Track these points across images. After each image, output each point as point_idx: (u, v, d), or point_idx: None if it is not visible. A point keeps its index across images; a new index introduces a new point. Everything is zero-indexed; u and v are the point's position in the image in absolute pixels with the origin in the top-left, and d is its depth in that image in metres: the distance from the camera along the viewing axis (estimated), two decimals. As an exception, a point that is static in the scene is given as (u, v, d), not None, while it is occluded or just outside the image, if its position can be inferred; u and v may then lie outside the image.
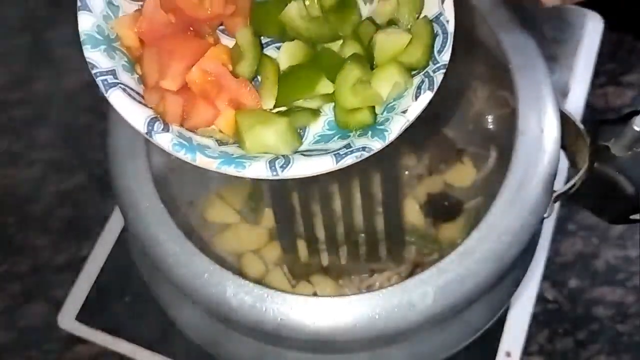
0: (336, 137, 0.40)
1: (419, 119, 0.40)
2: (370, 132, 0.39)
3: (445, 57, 0.40)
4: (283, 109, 0.41)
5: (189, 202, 0.57)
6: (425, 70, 0.40)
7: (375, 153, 0.37)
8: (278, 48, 0.42)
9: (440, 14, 0.41)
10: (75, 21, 0.42)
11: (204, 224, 0.57)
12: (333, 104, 0.41)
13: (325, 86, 0.40)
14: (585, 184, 0.46)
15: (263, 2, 0.42)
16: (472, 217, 0.58)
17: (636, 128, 0.43)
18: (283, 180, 0.53)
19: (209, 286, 0.42)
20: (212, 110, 0.39)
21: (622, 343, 0.63)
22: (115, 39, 0.42)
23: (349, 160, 0.37)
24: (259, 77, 0.41)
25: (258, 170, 0.37)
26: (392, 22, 0.42)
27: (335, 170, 0.54)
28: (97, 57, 0.40)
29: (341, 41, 0.42)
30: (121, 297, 0.65)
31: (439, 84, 0.39)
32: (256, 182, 0.61)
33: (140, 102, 0.38)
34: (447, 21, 0.40)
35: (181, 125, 0.39)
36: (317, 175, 0.53)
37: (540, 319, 0.64)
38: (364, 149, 0.38)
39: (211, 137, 0.40)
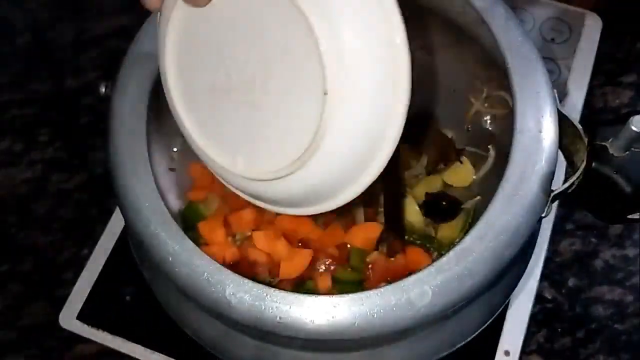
0: None
1: (418, 119, 0.40)
2: None
3: None
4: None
5: (188, 200, 0.58)
6: None
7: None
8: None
9: None
10: (77, 22, 0.42)
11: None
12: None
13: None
14: (583, 183, 0.47)
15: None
16: (470, 216, 0.59)
17: (634, 128, 0.43)
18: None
19: (208, 285, 0.42)
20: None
21: (621, 342, 0.63)
22: None
23: None
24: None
25: None
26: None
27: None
28: None
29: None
30: (122, 296, 0.65)
31: None
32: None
33: None
34: None
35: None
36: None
37: (538, 318, 0.64)
38: None
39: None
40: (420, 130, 0.63)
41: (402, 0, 0.56)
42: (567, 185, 0.46)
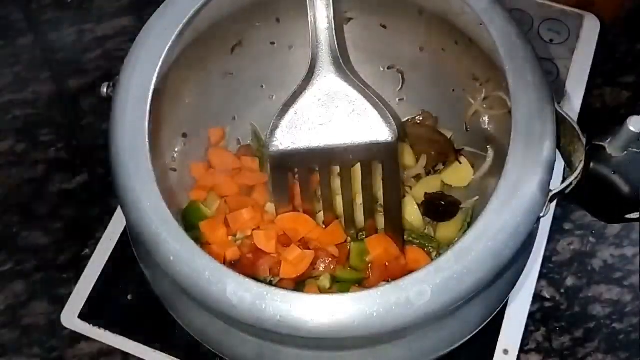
0: None
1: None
2: None
3: None
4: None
5: (190, 200, 0.58)
6: None
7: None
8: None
9: None
10: (79, 23, 0.43)
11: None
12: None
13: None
14: (581, 183, 0.47)
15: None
16: (469, 216, 0.59)
17: (632, 128, 0.43)
18: (283, 181, 0.54)
19: (209, 284, 0.42)
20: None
21: (619, 341, 0.63)
22: None
23: None
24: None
25: None
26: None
27: (337, 169, 0.56)
28: None
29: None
30: (124, 295, 0.65)
31: None
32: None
33: None
34: None
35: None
36: (318, 174, 0.54)
37: (537, 317, 0.64)
38: None
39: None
40: (420, 131, 0.63)
41: (402, 1, 0.56)
42: (565, 185, 0.47)
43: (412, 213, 0.60)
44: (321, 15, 0.50)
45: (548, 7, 0.77)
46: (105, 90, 0.51)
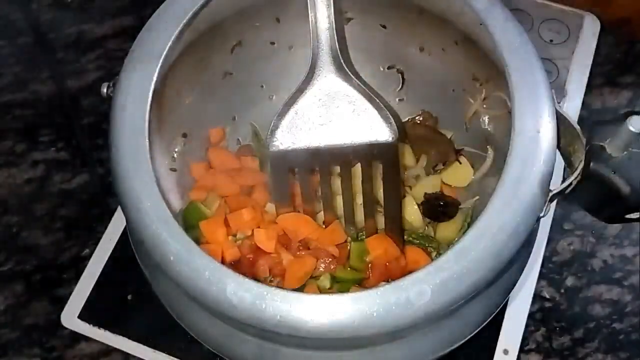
0: None
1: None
2: None
3: None
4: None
5: (189, 200, 0.58)
6: None
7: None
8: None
9: None
10: (79, 23, 0.43)
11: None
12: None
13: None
14: (581, 183, 0.47)
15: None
16: (469, 216, 0.59)
17: (631, 128, 0.43)
18: (283, 181, 0.54)
19: (209, 284, 0.42)
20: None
21: (619, 341, 0.63)
22: None
23: None
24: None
25: None
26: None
27: (337, 169, 0.56)
28: None
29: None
30: (123, 295, 0.65)
31: None
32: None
33: None
34: None
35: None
36: (318, 174, 0.54)
37: (537, 317, 0.64)
38: None
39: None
40: (420, 131, 0.63)
41: (402, 1, 0.56)
42: (565, 185, 0.47)
43: (412, 213, 0.60)
44: (322, 15, 0.50)
45: (548, 7, 0.77)
46: (105, 90, 0.51)
